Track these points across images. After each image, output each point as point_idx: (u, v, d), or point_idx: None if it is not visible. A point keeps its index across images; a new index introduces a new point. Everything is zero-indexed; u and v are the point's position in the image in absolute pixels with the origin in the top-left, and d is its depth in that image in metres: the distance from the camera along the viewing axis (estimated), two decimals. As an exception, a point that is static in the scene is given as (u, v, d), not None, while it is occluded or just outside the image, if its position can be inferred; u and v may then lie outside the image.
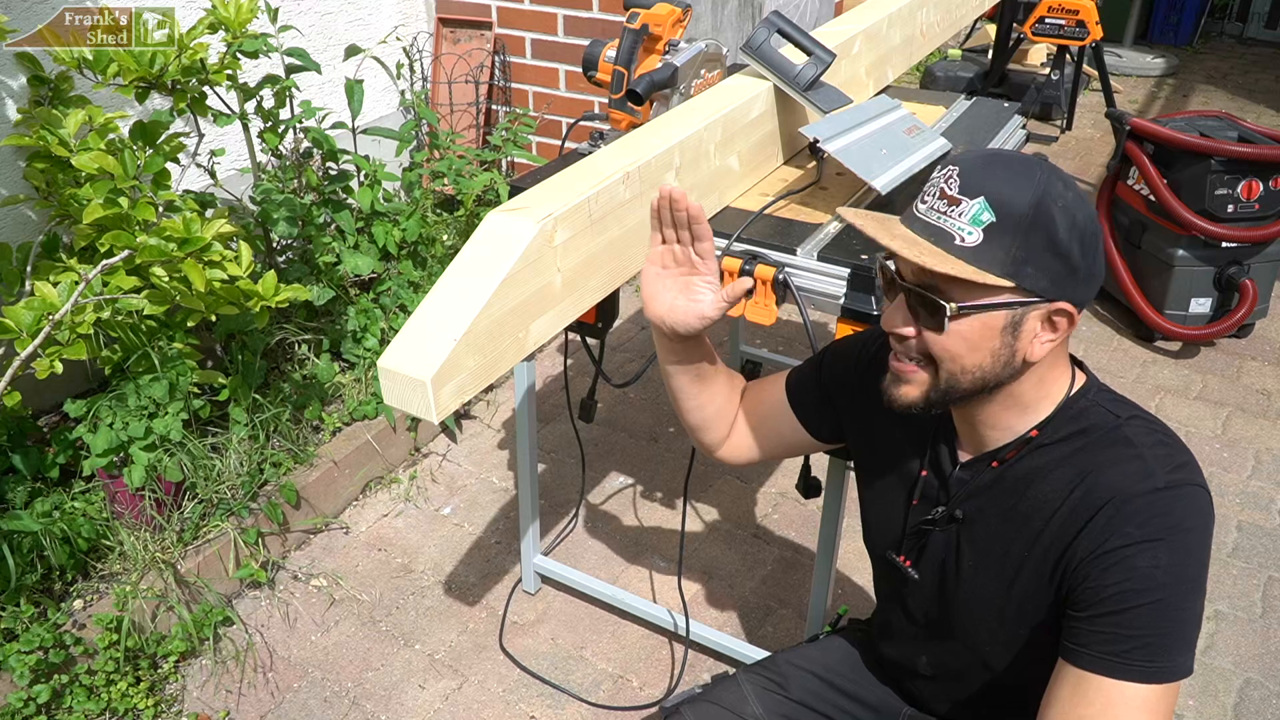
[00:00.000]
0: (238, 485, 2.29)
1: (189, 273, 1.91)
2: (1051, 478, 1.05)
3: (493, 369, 1.21)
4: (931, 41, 2.42)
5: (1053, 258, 0.97)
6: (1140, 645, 0.96)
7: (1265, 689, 2.00)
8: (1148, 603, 0.95)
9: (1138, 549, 0.96)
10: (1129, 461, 1.00)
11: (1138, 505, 0.98)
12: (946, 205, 0.99)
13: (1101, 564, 0.98)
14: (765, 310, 1.57)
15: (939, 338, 1.01)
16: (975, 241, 0.97)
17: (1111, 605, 0.97)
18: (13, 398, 1.87)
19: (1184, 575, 0.96)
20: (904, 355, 1.06)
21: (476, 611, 2.23)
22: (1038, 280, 0.98)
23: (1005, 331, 1.00)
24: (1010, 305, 0.99)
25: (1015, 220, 0.96)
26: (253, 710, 2.00)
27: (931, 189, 1.02)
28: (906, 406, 1.07)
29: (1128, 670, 0.96)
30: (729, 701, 1.34)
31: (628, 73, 1.71)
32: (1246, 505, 2.51)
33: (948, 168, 1.01)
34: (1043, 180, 0.98)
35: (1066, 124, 4.94)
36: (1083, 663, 0.98)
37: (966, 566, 1.14)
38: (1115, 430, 1.04)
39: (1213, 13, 6.75)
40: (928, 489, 1.18)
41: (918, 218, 1.02)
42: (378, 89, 3.46)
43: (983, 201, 0.97)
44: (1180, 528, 0.97)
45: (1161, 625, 0.96)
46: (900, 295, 1.04)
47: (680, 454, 2.71)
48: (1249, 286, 3.05)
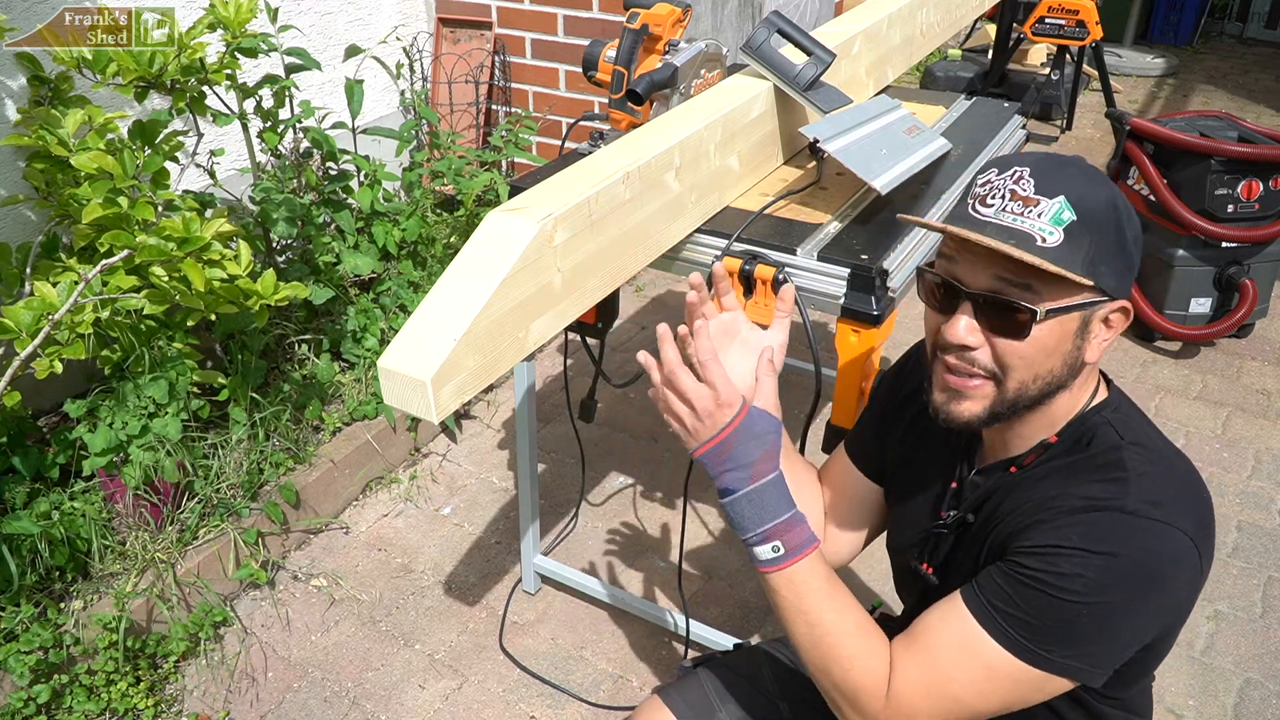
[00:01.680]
0: (237, 485, 2.28)
1: (188, 272, 1.91)
2: (1041, 485, 1.04)
3: (493, 369, 1.21)
4: (931, 41, 2.41)
5: (1122, 256, 0.97)
6: (1024, 624, 0.95)
7: (1265, 689, 2.00)
8: (1054, 598, 0.94)
9: (1069, 553, 0.94)
10: (1110, 482, 0.98)
11: (1092, 518, 0.95)
12: (1022, 206, 0.95)
13: (1030, 549, 0.96)
14: (765, 310, 1.57)
15: (1018, 345, 0.97)
16: (1057, 241, 0.94)
17: (1020, 579, 0.96)
18: (13, 398, 1.87)
19: (1106, 599, 0.93)
20: (963, 369, 1.01)
21: (476, 611, 2.23)
22: (1109, 279, 0.96)
23: (1077, 334, 0.98)
24: (1087, 305, 0.97)
25: (1095, 219, 0.95)
26: (253, 710, 2.00)
27: (996, 191, 0.98)
28: (967, 423, 1.02)
29: (1000, 632, 0.96)
30: (745, 669, 1.34)
31: (628, 73, 1.71)
32: (1246, 505, 2.51)
33: (1014, 169, 0.98)
34: (1108, 180, 0.98)
35: (1066, 124, 4.94)
36: (966, 597, 1.00)
37: (962, 567, 1.14)
38: (1114, 451, 1.01)
39: (1213, 13, 6.75)
40: (952, 496, 1.19)
41: (988, 221, 0.97)
42: (378, 89, 3.46)
43: (1063, 200, 0.95)
44: (1126, 557, 0.93)
45: (1056, 622, 0.94)
46: (964, 304, 0.98)
47: (680, 454, 2.71)
48: (1249, 286, 3.05)
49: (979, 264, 0.97)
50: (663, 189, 1.47)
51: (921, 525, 1.22)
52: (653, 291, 3.53)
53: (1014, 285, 0.95)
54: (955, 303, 1.00)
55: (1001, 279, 0.96)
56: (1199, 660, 2.06)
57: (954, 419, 1.03)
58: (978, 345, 0.99)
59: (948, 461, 1.19)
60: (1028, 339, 0.96)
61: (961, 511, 1.14)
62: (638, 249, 1.46)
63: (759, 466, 1.05)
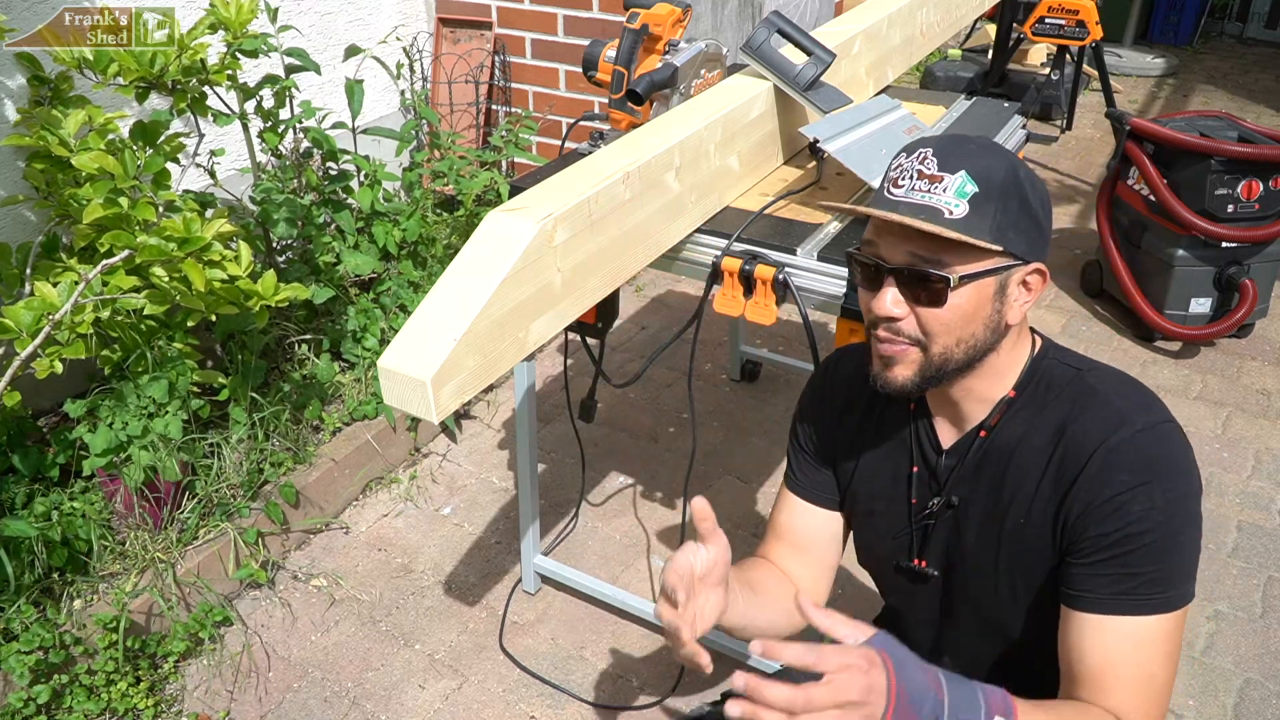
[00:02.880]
0: (237, 485, 2.29)
1: (189, 272, 1.91)
2: (1031, 440, 1.09)
3: (493, 369, 1.21)
4: (931, 41, 2.42)
5: (1029, 221, 1.04)
6: (1147, 580, 1.01)
7: (1265, 689, 2.00)
8: (1148, 542, 1.00)
9: (1131, 494, 1.01)
10: (1099, 408, 1.05)
11: (1123, 451, 1.02)
12: (929, 184, 1.03)
13: (1100, 514, 1.02)
14: (765, 310, 1.57)
15: (938, 313, 1.03)
16: (962, 213, 1.01)
17: (1115, 550, 1.01)
18: (13, 398, 1.87)
19: (1176, 509, 1.01)
20: (892, 339, 1.07)
21: (476, 611, 2.23)
22: (1018, 244, 1.03)
23: (995, 298, 1.05)
24: (999, 270, 1.04)
25: (996, 189, 1.02)
26: (253, 710, 2.00)
27: (905, 173, 1.05)
28: (900, 387, 1.08)
29: (1141, 605, 1.01)
30: None
31: (628, 73, 1.71)
32: (1246, 505, 2.51)
33: (918, 151, 1.05)
34: (1008, 152, 1.06)
35: (1066, 124, 4.94)
36: (1096, 608, 1.03)
37: (969, 547, 1.15)
38: (1078, 381, 1.09)
39: (1213, 13, 6.75)
40: (920, 484, 1.19)
41: (900, 200, 1.04)
42: (378, 89, 3.46)
43: (964, 174, 1.02)
44: (1166, 465, 1.02)
45: (1163, 558, 1.01)
46: (888, 279, 1.05)
47: (680, 454, 2.71)
48: (1249, 286, 3.05)
49: (896, 241, 1.04)
50: (663, 189, 1.47)
51: (899, 525, 1.22)
52: (653, 291, 3.53)
53: (928, 258, 1.02)
54: (880, 279, 1.06)
55: (916, 254, 1.03)
56: (1199, 660, 2.06)
57: (889, 385, 1.09)
58: (903, 315, 1.05)
59: (905, 454, 1.20)
60: (946, 305, 1.03)
61: (945, 496, 1.16)
62: (638, 249, 1.46)
63: (932, 687, 0.90)
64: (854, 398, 1.26)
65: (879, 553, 1.27)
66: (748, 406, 2.93)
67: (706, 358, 3.16)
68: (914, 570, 1.22)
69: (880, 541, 1.26)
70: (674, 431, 2.81)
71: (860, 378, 1.25)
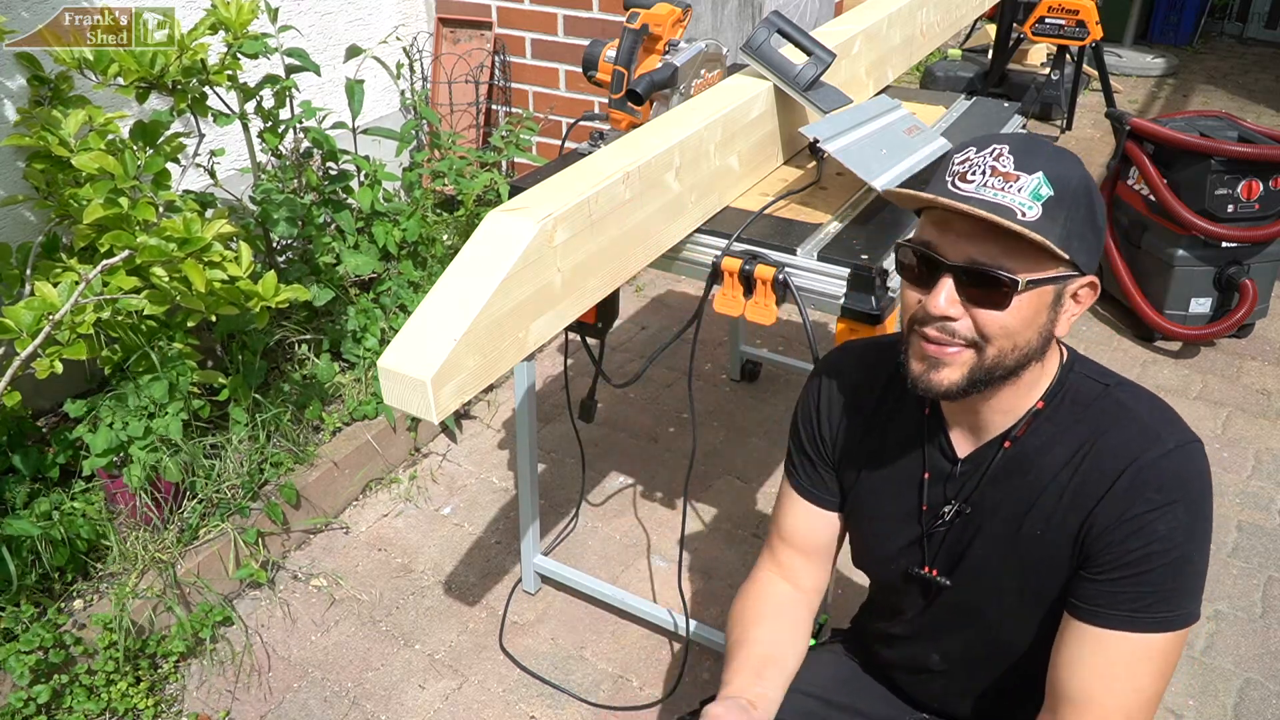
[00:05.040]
0: (238, 485, 2.29)
1: (189, 273, 1.91)
2: (1055, 451, 1.07)
3: (493, 369, 1.21)
4: (931, 41, 2.41)
5: (1093, 232, 1.01)
6: (1159, 599, 1.01)
7: (1265, 689, 2.00)
8: (1167, 561, 1.00)
9: (1159, 513, 1.00)
10: (1130, 425, 1.04)
11: (1155, 469, 1.01)
12: (1003, 182, 0.98)
13: (1124, 530, 1.02)
14: (765, 310, 1.57)
15: (999, 316, 0.99)
16: (1035, 216, 0.97)
17: (1135, 568, 1.01)
18: (13, 398, 1.87)
19: (1196, 529, 1.01)
20: (943, 339, 1.02)
21: (476, 611, 2.23)
22: (1080, 253, 1.00)
23: (1051, 307, 1.02)
24: (1060, 279, 1.01)
25: (1069, 195, 0.98)
26: (253, 710, 2.00)
27: (975, 168, 1.00)
28: (946, 390, 1.04)
29: (1148, 623, 1.01)
30: None
31: (628, 73, 1.71)
32: (1246, 505, 2.51)
33: (992, 146, 1.01)
34: (1079, 160, 1.03)
35: (1066, 124, 4.93)
36: (1104, 621, 1.03)
37: (978, 555, 1.14)
38: (1105, 396, 1.08)
39: (1213, 13, 6.75)
40: (932, 492, 1.17)
41: (970, 196, 0.98)
42: (378, 89, 3.46)
43: (1042, 176, 0.98)
44: (1192, 486, 1.02)
45: (1177, 579, 1.01)
46: (945, 277, 1.00)
47: (680, 454, 2.71)
48: (1249, 286, 3.05)
49: (959, 239, 0.99)
50: (663, 189, 1.47)
51: (907, 530, 1.20)
52: (653, 291, 3.53)
53: (995, 259, 0.98)
54: (936, 276, 1.01)
55: (981, 253, 0.99)
56: (1199, 660, 2.06)
57: (933, 387, 1.04)
58: (959, 317, 1.01)
59: (917, 460, 1.18)
60: (1008, 309, 0.99)
61: (957, 503, 1.14)
62: (638, 249, 1.46)
63: None
64: (859, 399, 1.23)
65: (882, 556, 1.25)
66: (748, 406, 2.93)
67: (706, 358, 3.16)
68: (925, 579, 1.19)
69: (886, 546, 1.23)
70: (674, 431, 2.81)
71: (863, 378, 1.24)
